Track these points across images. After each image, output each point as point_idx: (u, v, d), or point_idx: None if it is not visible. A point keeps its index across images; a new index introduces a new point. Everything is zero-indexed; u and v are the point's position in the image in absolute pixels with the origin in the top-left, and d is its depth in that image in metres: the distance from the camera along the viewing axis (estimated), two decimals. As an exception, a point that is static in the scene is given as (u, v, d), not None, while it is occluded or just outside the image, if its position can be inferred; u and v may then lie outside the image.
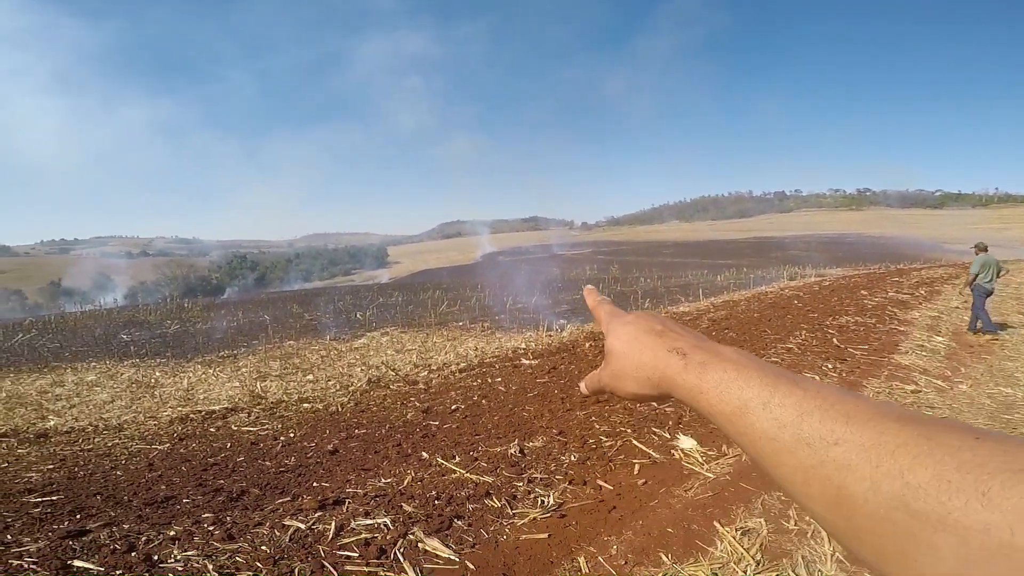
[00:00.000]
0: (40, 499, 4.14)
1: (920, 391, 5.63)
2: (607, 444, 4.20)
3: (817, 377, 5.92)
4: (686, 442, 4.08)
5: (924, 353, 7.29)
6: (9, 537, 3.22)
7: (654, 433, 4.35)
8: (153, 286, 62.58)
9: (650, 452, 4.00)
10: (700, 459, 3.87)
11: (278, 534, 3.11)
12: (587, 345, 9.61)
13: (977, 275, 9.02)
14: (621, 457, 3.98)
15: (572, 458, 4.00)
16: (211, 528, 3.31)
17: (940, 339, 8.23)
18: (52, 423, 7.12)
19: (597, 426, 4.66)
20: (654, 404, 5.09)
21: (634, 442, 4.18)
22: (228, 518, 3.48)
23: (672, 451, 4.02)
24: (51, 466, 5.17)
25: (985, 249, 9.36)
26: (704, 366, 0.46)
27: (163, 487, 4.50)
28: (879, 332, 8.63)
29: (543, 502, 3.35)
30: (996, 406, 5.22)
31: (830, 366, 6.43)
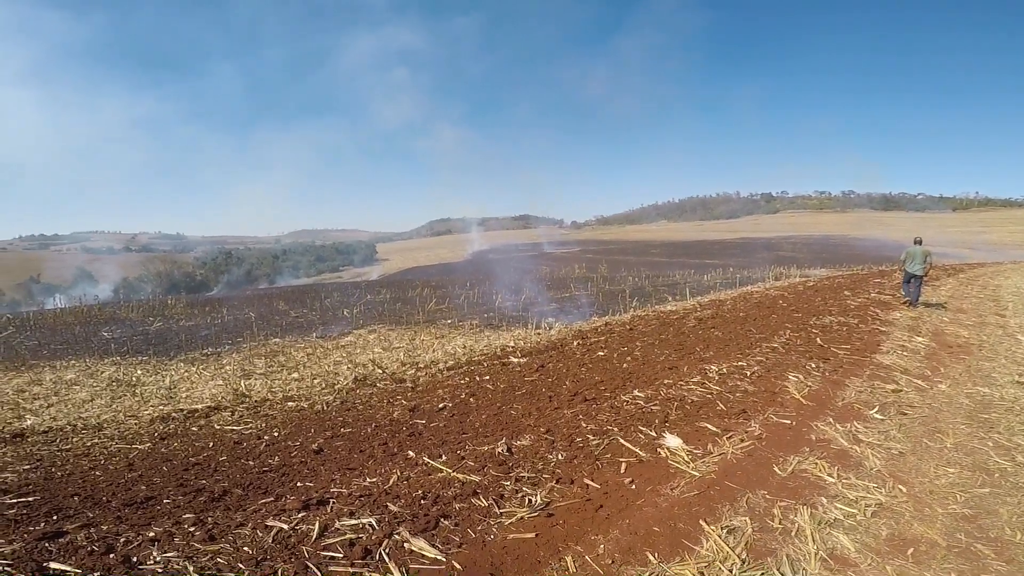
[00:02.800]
0: (15, 500, 4.05)
1: (901, 390, 5.72)
2: (594, 443, 4.20)
3: (801, 376, 6.00)
4: (672, 441, 4.09)
5: (905, 353, 7.41)
6: (-17, 539, 3.14)
7: (641, 432, 4.36)
8: (136, 282, 61.55)
9: (637, 451, 4.01)
10: (686, 458, 3.89)
11: (260, 535, 3.07)
12: (575, 343, 9.63)
13: (904, 261, 11.84)
14: (608, 456, 3.98)
15: (559, 457, 3.99)
16: (192, 529, 3.25)
17: (920, 339, 8.37)
18: (29, 422, 6.98)
19: (584, 425, 4.66)
20: (640, 403, 5.11)
21: (621, 441, 4.19)
22: (209, 519, 3.43)
23: (658, 450, 4.03)
24: (27, 466, 5.07)
25: (919, 242, 11.90)
26: None
27: (143, 487, 4.43)
28: (861, 332, 8.75)
29: (531, 501, 3.34)
30: (974, 405, 5.31)
31: (813, 365, 6.50)
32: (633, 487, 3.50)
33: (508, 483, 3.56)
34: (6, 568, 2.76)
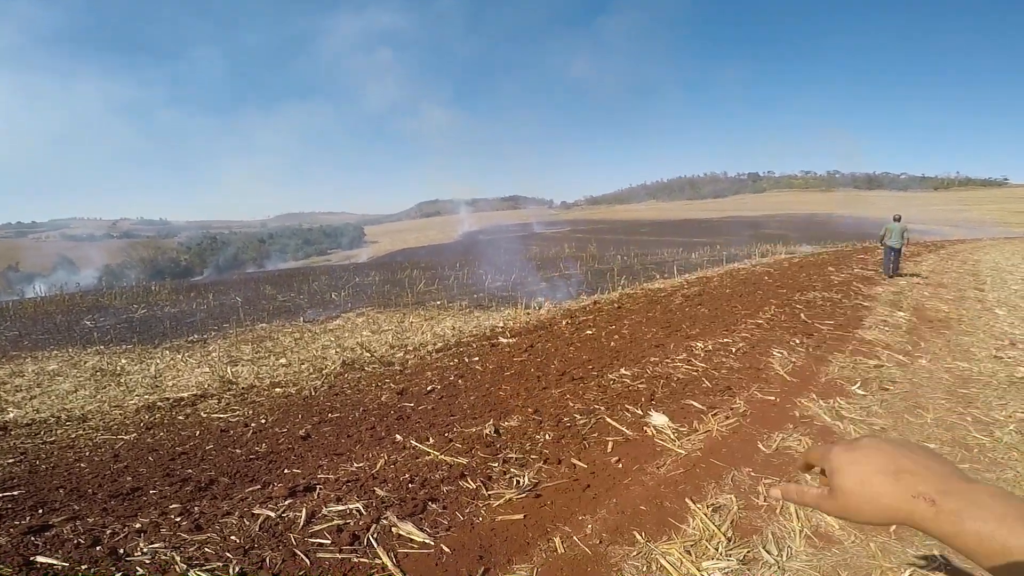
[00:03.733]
0: (0, 494, 4.00)
1: (882, 366, 5.80)
2: (581, 422, 4.22)
3: (785, 352, 6.07)
4: (658, 419, 4.13)
5: (887, 328, 7.51)
6: (-34, 534, 3.10)
7: (627, 410, 4.40)
8: (119, 269, 60.51)
9: (623, 429, 4.04)
10: (672, 435, 3.93)
11: (247, 523, 3.06)
12: (564, 323, 9.64)
13: (883, 236, 12.90)
14: (595, 435, 4.00)
15: (547, 437, 4.01)
16: (178, 519, 3.24)
17: (902, 314, 8.49)
18: (12, 415, 6.88)
19: (571, 404, 4.68)
20: (627, 381, 5.14)
21: (608, 419, 4.22)
22: (196, 508, 3.41)
23: (645, 428, 4.06)
24: (11, 460, 5.00)
25: (898, 219, 12.97)
26: (959, 515, 0.48)
27: (129, 478, 4.40)
28: (844, 307, 8.85)
29: (518, 482, 3.36)
30: (954, 380, 5.41)
31: (797, 341, 6.57)
32: (620, 466, 3.53)
33: (496, 465, 3.57)
34: (-9, 563, 2.74)
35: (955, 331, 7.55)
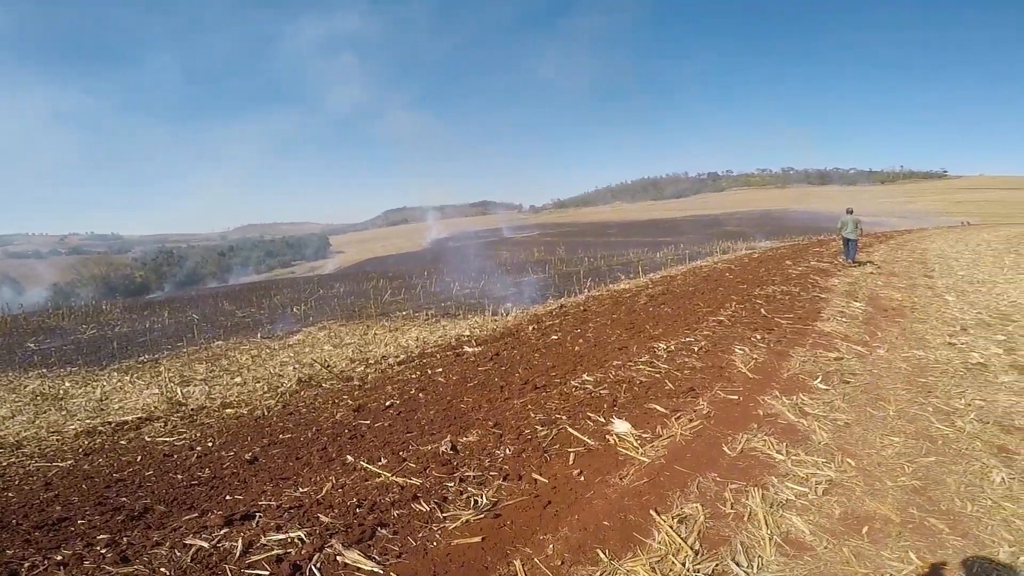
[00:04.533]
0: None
1: (842, 358, 5.85)
2: (542, 434, 4.06)
3: (747, 348, 6.05)
4: (621, 426, 4.00)
5: (844, 319, 7.62)
6: None
7: (589, 418, 4.26)
8: (68, 287, 57.65)
9: (585, 439, 3.90)
10: (635, 443, 3.80)
11: (179, 554, 2.80)
12: (530, 328, 9.51)
13: (840, 228, 14.10)
14: (556, 447, 3.85)
15: (507, 452, 3.83)
16: (104, 551, 2.99)
17: (858, 304, 8.65)
18: (-65, 447, 6.33)
19: (533, 415, 4.52)
20: (589, 387, 5.02)
21: (569, 429, 4.07)
22: (125, 539, 3.15)
23: (607, 436, 3.93)
24: (-72, 496, 4.56)
25: (851, 212, 14.08)
26: None
27: (58, 507, 4.11)
28: (803, 300, 8.97)
29: (476, 502, 3.17)
30: (911, 369, 5.48)
31: (758, 336, 6.58)
32: (582, 479, 3.39)
33: (452, 484, 3.37)
34: None
35: (909, 319, 7.72)
